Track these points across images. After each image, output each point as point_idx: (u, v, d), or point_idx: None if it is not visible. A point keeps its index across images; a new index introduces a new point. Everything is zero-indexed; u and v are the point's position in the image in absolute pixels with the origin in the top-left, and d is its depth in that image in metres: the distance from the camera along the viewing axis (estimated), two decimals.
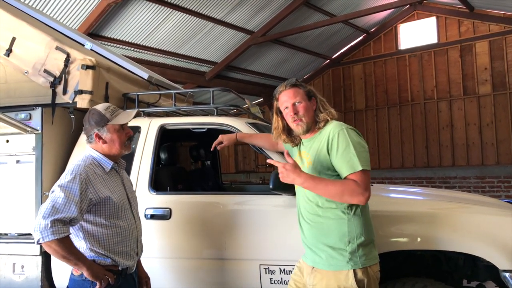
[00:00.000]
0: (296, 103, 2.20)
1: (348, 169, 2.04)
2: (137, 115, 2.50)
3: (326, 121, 2.21)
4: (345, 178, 2.06)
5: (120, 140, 2.27)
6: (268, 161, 2.25)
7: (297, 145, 2.34)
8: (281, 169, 2.05)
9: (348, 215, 2.11)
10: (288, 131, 2.31)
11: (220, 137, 2.86)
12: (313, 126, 2.23)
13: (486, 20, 9.58)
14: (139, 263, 2.48)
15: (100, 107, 2.30)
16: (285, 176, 2.05)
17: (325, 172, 2.13)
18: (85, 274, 2.10)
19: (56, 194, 2.07)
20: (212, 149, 2.88)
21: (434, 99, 10.13)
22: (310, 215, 2.19)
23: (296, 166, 2.05)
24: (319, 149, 2.16)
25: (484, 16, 9.59)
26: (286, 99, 2.22)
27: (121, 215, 2.23)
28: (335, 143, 2.08)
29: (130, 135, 2.33)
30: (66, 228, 2.04)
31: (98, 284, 2.10)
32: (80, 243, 2.16)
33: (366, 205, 2.20)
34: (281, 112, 2.29)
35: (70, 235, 2.11)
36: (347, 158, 2.04)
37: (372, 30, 10.92)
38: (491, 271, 2.67)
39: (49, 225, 1.98)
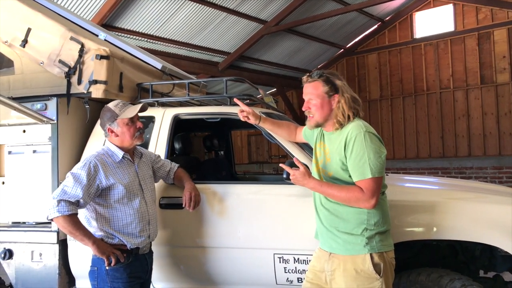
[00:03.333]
0: (310, 100, 2.22)
1: (358, 175, 2.09)
2: (143, 108, 2.62)
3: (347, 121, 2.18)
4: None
5: (130, 132, 2.55)
6: (281, 165, 2.31)
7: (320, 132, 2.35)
8: (291, 176, 2.18)
9: None
10: None
11: (251, 110, 2.72)
12: (330, 121, 2.22)
13: (505, 7, 9.34)
14: (185, 179, 2.84)
15: (111, 104, 2.59)
16: (296, 182, 2.19)
17: (343, 168, 2.16)
18: (92, 249, 2.37)
19: (68, 179, 2.41)
20: (241, 117, 2.73)
21: (450, 89, 9.96)
22: (329, 202, 2.21)
23: (305, 173, 2.15)
24: (338, 147, 2.18)
25: (503, 3, 9.34)
26: (305, 93, 2.26)
27: (130, 199, 2.50)
28: (350, 147, 2.11)
29: (140, 127, 2.59)
30: (71, 207, 2.35)
31: (106, 260, 2.36)
32: (93, 223, 2.48)
33: (385, 196, 2.24)
34: None
35: (86, 215, 2.48)
36: (359, 164, 2.08)
37: (387, 18, 10.75)
38: (509, 261, 2.64)
39: (56, 204, 2.33)
